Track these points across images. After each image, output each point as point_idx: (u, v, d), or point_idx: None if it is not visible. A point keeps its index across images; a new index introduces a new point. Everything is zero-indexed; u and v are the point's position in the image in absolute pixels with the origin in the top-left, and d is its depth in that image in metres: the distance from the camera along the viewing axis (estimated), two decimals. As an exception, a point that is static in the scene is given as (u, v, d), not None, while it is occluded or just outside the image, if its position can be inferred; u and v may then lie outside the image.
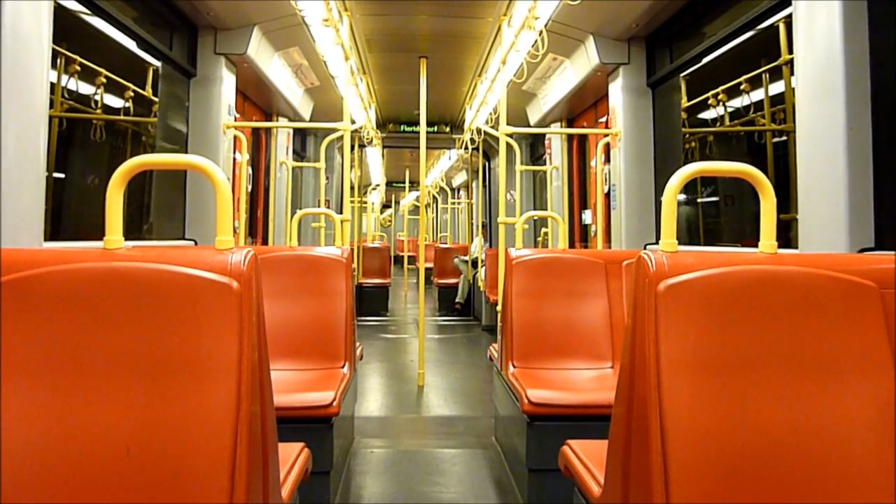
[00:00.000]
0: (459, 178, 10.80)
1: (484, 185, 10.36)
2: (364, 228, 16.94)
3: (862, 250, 2.28)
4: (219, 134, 4.48)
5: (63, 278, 1.31)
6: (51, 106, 2.62)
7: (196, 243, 4.34)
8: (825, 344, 1.35)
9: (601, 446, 1.59)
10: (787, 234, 2.91)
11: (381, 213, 23.12)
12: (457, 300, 9.59)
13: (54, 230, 3.01)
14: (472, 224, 10.35)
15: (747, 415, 1.31)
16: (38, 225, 2.32)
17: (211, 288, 1.30)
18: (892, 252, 2.19)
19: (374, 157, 12.26)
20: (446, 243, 13.36)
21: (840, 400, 1.31)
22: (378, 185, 14.56)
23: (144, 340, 1.29)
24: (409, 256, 14.19)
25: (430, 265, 11.48)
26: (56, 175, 3.06)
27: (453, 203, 15.71)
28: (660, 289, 1.34)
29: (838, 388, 1.32)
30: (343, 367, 3.10)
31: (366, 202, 15.69)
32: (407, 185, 14.10)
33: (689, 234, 4.26)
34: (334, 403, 2.59)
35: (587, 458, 1.79)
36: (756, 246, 1.54)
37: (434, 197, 14.26)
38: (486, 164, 10.24)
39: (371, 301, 9.58)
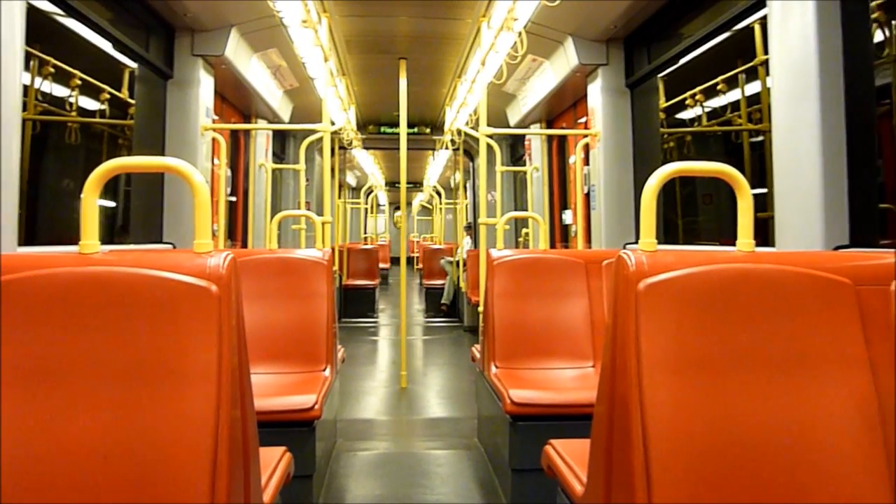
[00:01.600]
0: (456, 179, 10.86)
1: (468, 186, 10.37)
2: (367, 230, 17.00)
3: (837, 247, 2.31)
4: (197, 136, 4.44)
5: (38, 283, 1.28)
6: (24, 108, 2.59)
7: (174, 247, 4.30)
8: (802, 341, 1.36)
9: (584, 445, 1.60)
10: (764, 233, 2.95)
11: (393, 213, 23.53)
12: (442, 301, 9.57)
13: (28, 235, 2.97)
14: (465, 224, 10.37)
15: (728, 413, 1.32)
16: (11, 229, 2.29)
17: (189, 292, 1.29)
18: (867, 249, 2.22)
19: (366, 160, 12.25)
20: (435, 244, 13.37)
21: (819, 397, 1.33)
22: (374, 187, 14.55)
23: (122, 346, 1.27)
24: (415, 258, 14.23)
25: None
26: (29, 179, 3.01)
27: (447, 204, 15.76)
28: (640, 288, 1.34)
29: (817, 384, 1.33)
30: (325, 370, 3.09)
31: (358, 203, 15.69)
32: (402, 186, 14.13)
33: (668, 233, 4.30)
34: (316, 406, 2.58)
35: (570, 457, 1.80)
36: (734, 244, 1.55)
37: (438, 194, 14.32)
38: (472, 164, 10.26)
39: (357, 303, 9.53)
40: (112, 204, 3.99)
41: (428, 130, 9.74)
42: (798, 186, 2.42)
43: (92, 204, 1.42)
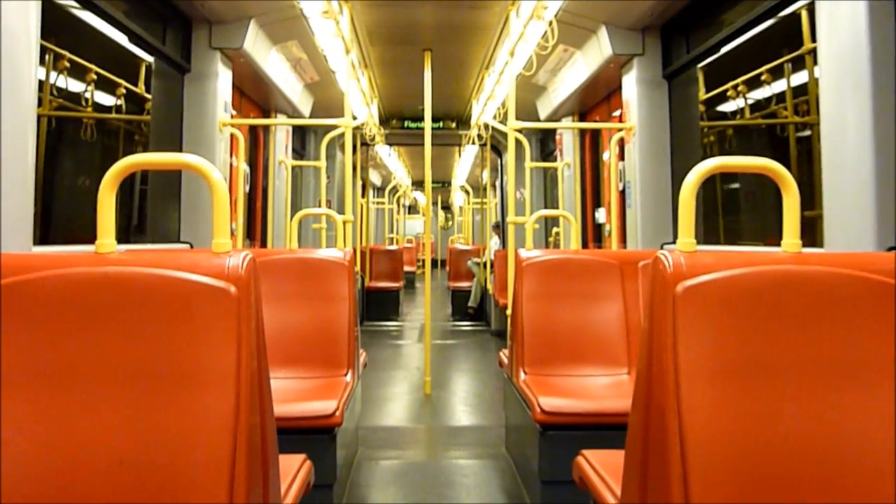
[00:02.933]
0: (484, 177, 10.88)
1: (496, 184, 10.36)
2: (396, 231, 17.09)
3: (891, 248, 2.27)
4: (215, 132, 4.50)
5: (53, 284, 1.31)
6: (39, 104, 2.64)
7: (192, 246, 4.35)
8: (852, 348, 1.34)
9: (618, 456, 1.59)
10: (811, 233, 2.90)
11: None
12: (469, 304, 9.60)
13: (43, 234, 3.03)
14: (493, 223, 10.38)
15: (770, 424, 1.30)
16: (26, 228, 2.34)
17: (208, 293, 1.30)
18: (923, 250, 2.18)
19: (391, 157, 12.30)
20: (462, 244, 13.39)
21: (869, 408, 1.31)
22: (400, 186, 14.63)
23: (138, 348, 1.30)
24: (441, 261, 14.25)
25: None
26: (45, 176, 3.08)
27: (475, 203, 15.74)
28: (678, 291, 1.33)
29: (867, 395, 1.32)
30: (346, 374, 3.11)
31: (383, 203, 15.77)
32: (427, 183, 14.21)
33: (708, 233, 4.25)
34: (337, 413, 2.60)
35: (603, 469, 1.79)
36: (779, 245, 1.53)
37: (467, 193, 14.38)
38: (500, 160, 10.23)
39: (380, 306, 9.60)
40: (128, 202, 4.06)
41: (454, 125, 9.74)
42: (848, 183, 2.38)
43: (108, 202, 1.44)
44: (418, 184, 17.99)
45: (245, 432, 1.26)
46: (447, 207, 24.29)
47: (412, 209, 24.67)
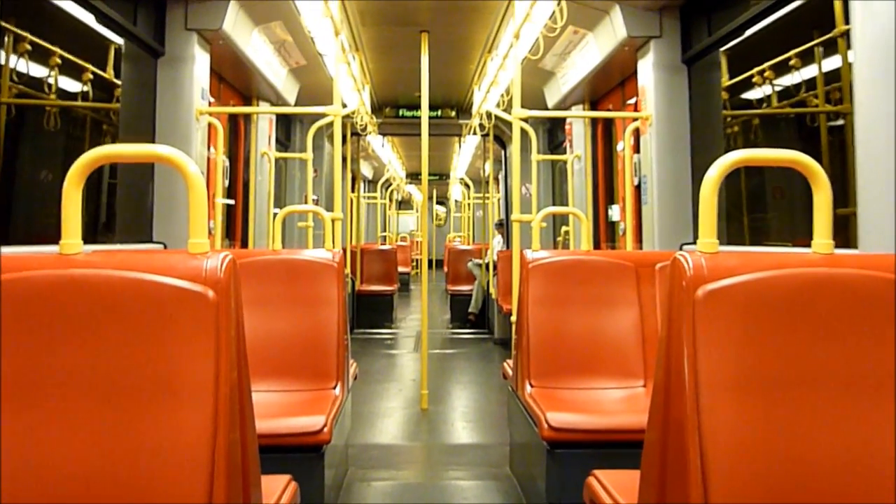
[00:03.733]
0: (486, 170, 10.87)
1: (499, 177, 10.35)
2: (388, 229, 17.06)
3: None
4: (191, 121, 4.50)
5: (13, 288, 1.30)
6: (-1, 91, 2.64)
7: (166, 247, 4.35)
8: (886, 359, 1.34)
9: (632, 477, 1.59)
10: (844, 232, 2.90)
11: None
12: (470, 310, 9.62)
13: (1, 234, 3.03)
14: (496, 221, 10.36)
15: (797, 440, 1.31)
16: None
17: (183, 298, 1.30)
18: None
19: (385, 148, 12.30)
20: (462, 244, 13.39)
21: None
22: (393, 179, 14.63)
23: (108, 358, 1.29)
24: (437, 261, 14.22)
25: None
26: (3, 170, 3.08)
27: (476, 198, 15.71)
28: (698, 295, 1.33)
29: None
30: (335, 387, 3.11)
31: (375, 198, 15.78)
32: (424, 177, 14.22)
33: (731, 232, 4.25)
34: (325, 430, 2.60)
35: (616, 490, 1.79)
36: (809, 245, 1.53)
37: (467, 187, 14.38)
38: (503, 152, 10.22)
39: (373, 311, 9.61)
40: (95, 198, 4.06)
41: (453, 114, 9.74)
42: (885, 178, 2.38)
43: (74, 198, 1.44)
44: (412, 176, 18.04)
45: (224, 450, 1.26)
46: (443, 202, 24.34)
47: (403, 203, 24.72)
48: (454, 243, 13.59)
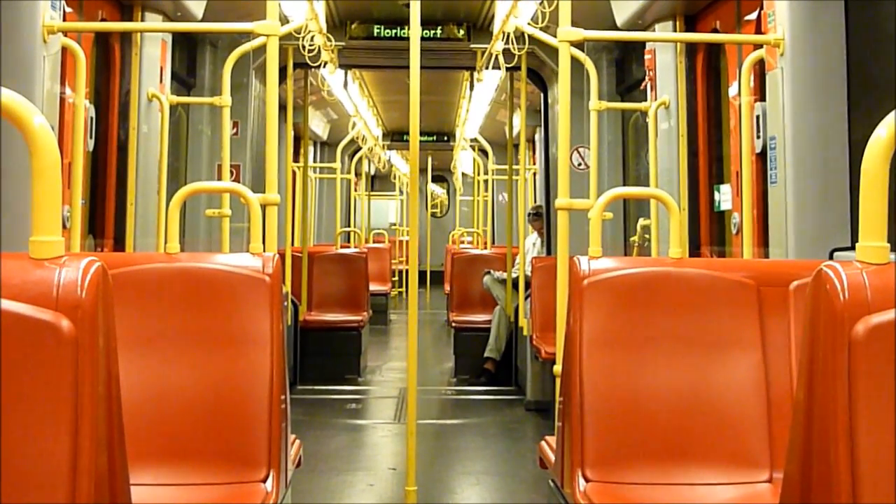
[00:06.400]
0: (517, 126, 7.88)
1: (534, 140, 8.75)
2: (358, 218, 13.61)
3: None
4: (36, 45, 3.37)
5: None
6: None
7: None
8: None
9: None
10: None
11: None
12: (487, 354, 7.39)
13: None
14: (531, 210, 8.00)
15: None
16: None
17: (21, 331, 1.10)
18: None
19: (350, 90, 9.12)
20: (474, 247, 11.18)
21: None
22: (369, 141, 11.28)
23: None
24: (434, 272, 12.18)
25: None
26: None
27: (497, 171, 12.12)
28: (857, 333, 1.12)
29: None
30: (264, 480, 2.28)
31: (334, 173, 11.29)
32: (414, 137, 11.74)
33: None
34: None
35: None
36: None
37: (484, 153, 11.18)
38: (543, 98, 7.78)
39: (327, 356, 7.33)
40: None
41: (461, 33, 7.27)
42: None
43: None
44: (394, 136, 13.90)
45: None
46: (443, 178, 19.18)
47: (379, 180, 19.01)
48: (461, 245, 12.06)
